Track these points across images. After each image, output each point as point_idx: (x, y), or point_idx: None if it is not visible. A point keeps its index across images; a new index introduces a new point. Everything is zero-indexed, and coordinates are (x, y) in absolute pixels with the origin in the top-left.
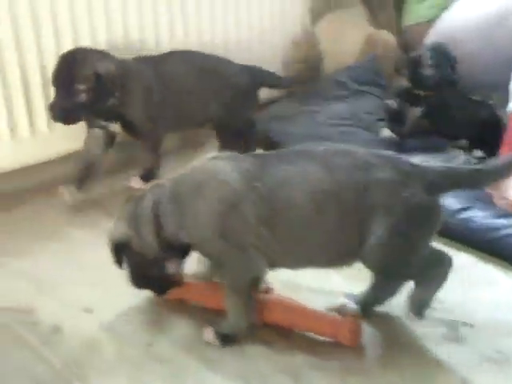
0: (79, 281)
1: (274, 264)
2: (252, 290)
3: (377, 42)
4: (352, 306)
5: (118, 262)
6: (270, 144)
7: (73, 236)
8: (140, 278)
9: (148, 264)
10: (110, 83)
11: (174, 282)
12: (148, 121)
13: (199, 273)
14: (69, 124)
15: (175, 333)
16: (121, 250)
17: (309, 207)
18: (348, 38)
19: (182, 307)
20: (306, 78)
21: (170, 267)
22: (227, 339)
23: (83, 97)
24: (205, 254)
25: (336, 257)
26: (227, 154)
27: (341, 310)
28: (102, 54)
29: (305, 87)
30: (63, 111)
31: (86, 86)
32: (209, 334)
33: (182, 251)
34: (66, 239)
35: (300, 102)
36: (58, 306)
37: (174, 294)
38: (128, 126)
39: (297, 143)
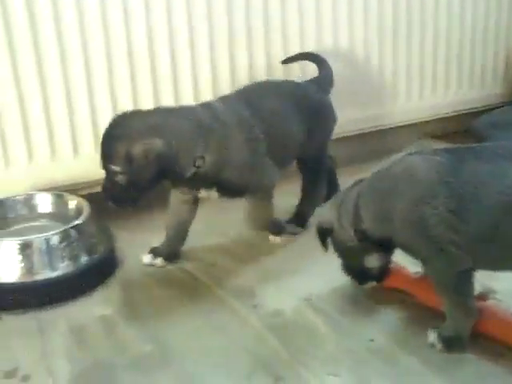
0: (300, 271)
1: (474, 263)
2: (464, 287)
3: None
4: None
5: (323, 245)
6: None
7: None
8: (344, 266)
9: (348, 253)
10: (153, 163)
11: (375, 275)
12: (252, 173)
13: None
14: (124, 207)
15: (394, 330)
16: (325, 235)
17: (497, 207)
18: None
19: (401, 304)
20: None
21: (370, 260)
22: (451, 343)
23: (122, 179)
24: (404, 249)
25: None
26: (424, 149)
27: None
28: (150, 126)
29: None
30: (109, 193)
31: (120, 168)
32: (432, 336)
33: (384, 246)
34: None
35: None
36: (279, 293)
37: (390, 283)
38: (227, 189)
39: None
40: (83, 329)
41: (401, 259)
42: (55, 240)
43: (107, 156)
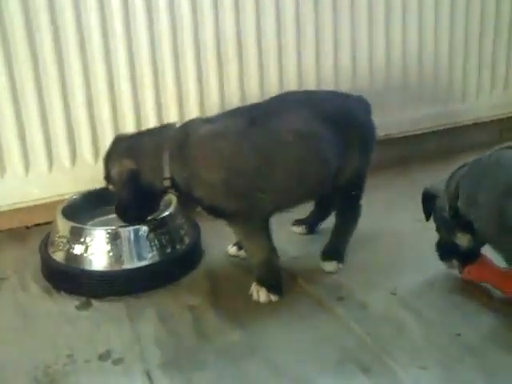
0: (386, 264)
1: None
2: None
3: None
4: None
5: (425, 213)
6: None
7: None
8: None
9: (443, 224)
10: (128, 183)
11: (460, 254)
12: (233, 201)
13: None
14: (129, 223)
15: (482, 325)
16: (429, 202)
17: None
18: None
19: (489, 299)
20: None
21: (460, 237)
22: None
23: (116, 197)
24: (483, 239)
25: None
26: None
27: None
28: (126, 147)
29: None
30: (116, 210)
31: (111, 187)
32: None
33: (470, 229)
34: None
35: None
36: (365, 286)
37: (472, 274)
38: (207, 209)
39: None
40: (171, 316)
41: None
42: (143, 230)
43: (105, 176)
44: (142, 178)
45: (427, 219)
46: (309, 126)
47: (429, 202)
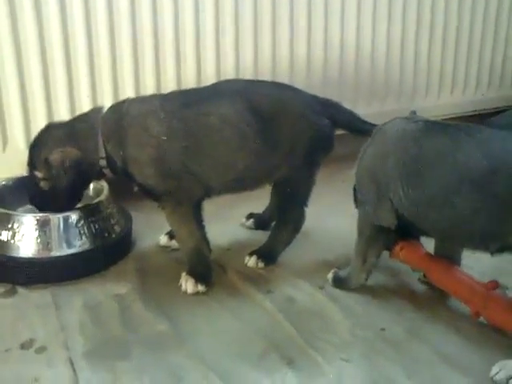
0: (314, 259)
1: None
2: None
3: None
4: None
5: (355, 201)
6: None
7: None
8: None
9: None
10: (70, 169)
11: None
12: (163, 181)
13: None
14: (51, 211)
15: (406, 319)
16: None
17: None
18: None
19: (413, 293)
20: None
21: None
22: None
23: (45, 185)
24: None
25: None
26: (415, 117)
27: None
28: (65, 134)
29: None
30: (35, 199)
31: (42, 174)
32: None
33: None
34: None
35: None
36: (293, 280)
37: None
38: (141, 188)
39: None
40: (98, 305)
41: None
42: (73, 218)
43: (31, 163)
44: (83, 163)
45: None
46: (239, 114)
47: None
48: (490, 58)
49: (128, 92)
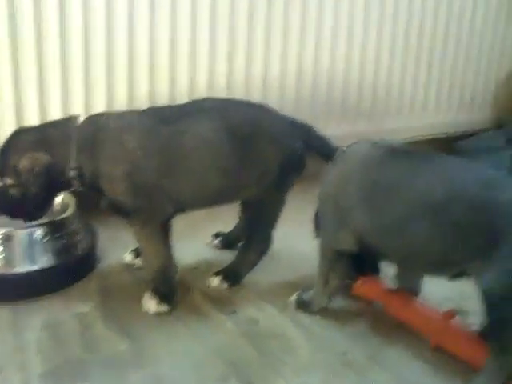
0: (278, 280)
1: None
2: None
3: None
4: None
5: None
6: None
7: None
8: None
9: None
10: (40, 176)
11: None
12: (134, 197)
13: None
14: (21, 219)
15: (368, 344)
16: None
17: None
18: None
19: (376, 320)
20: None
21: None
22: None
23: (15, 192)
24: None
25: None
26: (379, 142)
27: None
28: (35, 140)
29: None
30: (4, 206)
31: (11, 180)
32: None
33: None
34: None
35: (507, 135)
36: (256, 302)
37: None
38: (111, 204)
39: None
40: (58, 324)
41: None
42: (38, 233)
43: (0, 169)
44: (54, 171)
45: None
46: (215, 133)
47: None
48: (461, 81)
49: (99, 103)
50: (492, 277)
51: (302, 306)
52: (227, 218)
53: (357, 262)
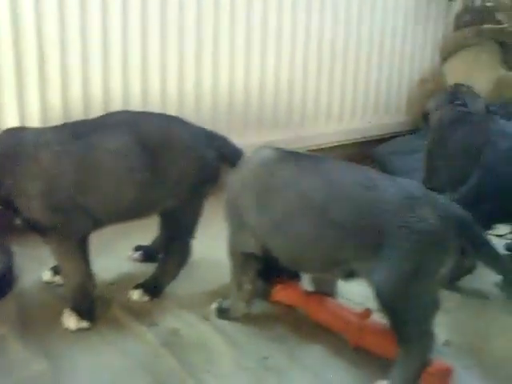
0: (198, 290)
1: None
2: None
3: (508, 84)
4: None
5: None
6: None
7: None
8: None
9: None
10: None
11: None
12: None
13: None
14: None
15: (288, 347)
16: None
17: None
18: (476, 79)
19: (295, 321)
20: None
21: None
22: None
23: None
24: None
25: None
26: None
27: None
28: None
29: None
30: None
31: None
32: None
33: None
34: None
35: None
36: (177, 312)
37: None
38: (26, 221)
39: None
40: None
41: None
42: None
43: None
44: None
45: None
46: (126, 146)
47: None
48: (375, 87)
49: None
50: (381, 277)
51: (223, 313)
52: (145, 231)
53: (274, 269)
